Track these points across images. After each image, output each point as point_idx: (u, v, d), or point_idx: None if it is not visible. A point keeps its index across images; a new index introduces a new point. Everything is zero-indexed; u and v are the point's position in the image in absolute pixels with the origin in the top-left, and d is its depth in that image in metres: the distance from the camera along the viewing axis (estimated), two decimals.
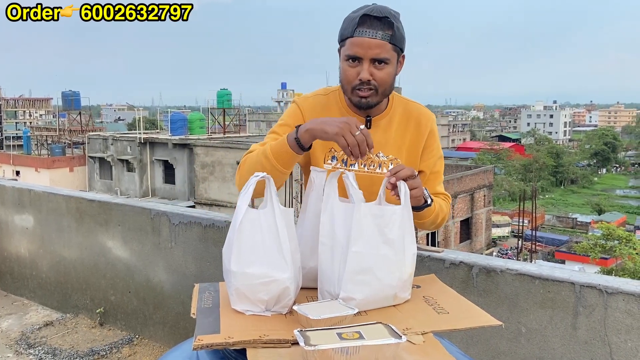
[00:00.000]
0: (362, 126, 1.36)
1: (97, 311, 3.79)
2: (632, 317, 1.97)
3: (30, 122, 61.20)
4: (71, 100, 33.90)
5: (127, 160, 27.69)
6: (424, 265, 2.38)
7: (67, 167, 29.97)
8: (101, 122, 68.79)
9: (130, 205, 3.63)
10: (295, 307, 1.25)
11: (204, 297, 1.41)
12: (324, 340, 1.06)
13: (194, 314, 1.32)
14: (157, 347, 3.47)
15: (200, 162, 24.50)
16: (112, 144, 28.56)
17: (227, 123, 30.21)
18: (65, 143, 33.61)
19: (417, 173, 1.47)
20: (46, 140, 35.62)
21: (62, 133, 35.01)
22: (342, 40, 1.54)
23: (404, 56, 1.60)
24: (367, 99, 1.55)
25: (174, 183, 26.49)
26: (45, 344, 3.53)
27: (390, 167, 1.64)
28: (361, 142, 1.33)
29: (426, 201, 1.54)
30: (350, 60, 1.52)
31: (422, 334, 1.21)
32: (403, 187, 1.38)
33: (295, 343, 1.15)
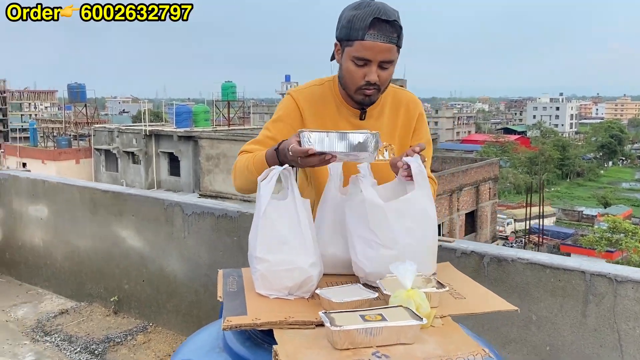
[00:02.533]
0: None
1: (112, 299, 3.86)
2: None
3: (36, 115, 61.35)
4: (77, 93, 33.99)
5: (132, 153, 27.78)
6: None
7: (73, 159, 30.12)
8: (106, 114, 68.89)
9: (144, 196, 3.68)
10: (318, 291, 1.30)
11: (228, 281, 1.46)
12: (348, 322, 1.11)
13: (220, 297, 1.37)
14: (171, 335, 3.54)
15: (206, 155, 24.56)
16: (117, 136, 28.65)
17: (231, 115, 30.24)
18: (71, 135, 33.75)
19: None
20: (52, 132, 35.77)
21: (68, 125, 35.14)
22: (349, 40, 1.54)
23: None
24: (370, 97, 1.60)
25: (179, 175, 26.59)
26: (61, 332, 3.60)
27: (385, 154, 1.69)
28: (324, 162, 1.36)
29: None
30: (357, 61, 1.54)
31: (440, 317, 1.26)
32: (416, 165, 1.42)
33: (319, 325, 1.20)
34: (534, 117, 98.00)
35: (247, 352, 1.22)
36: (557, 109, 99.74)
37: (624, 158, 76.04)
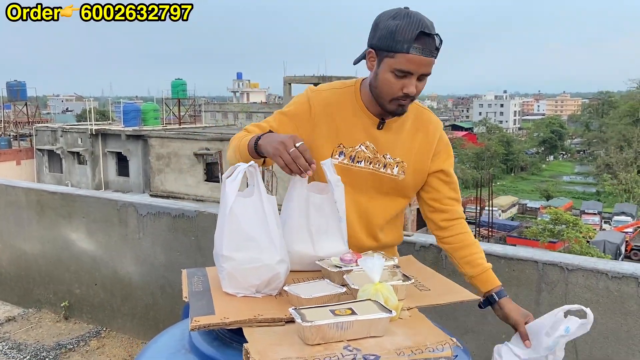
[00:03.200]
0: (300, 143, 1.38)
1: (62, 305, 3.72)
2: (591, 292, 2.11)
3: None
4: (17, 91, 32.51)
5: (78, 153, 26.83)
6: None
7: (13, 160, 28.76)
8: (48, 113, 66.20)
9: (95, 197, 3.56)
10: (286, 288, 1.29)
11: (193, 281, 1.43)
12: (318, 317, 1.11)
13: (186, 297, 1.34)
14: (126, 339, 3.45)
15: (156, 154, 23.99)
16: (61, 136, 27.58)
17: (182, 114, 29.68)
18: (10, 135, 32.26)
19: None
20: None
21: (7, 125, 33.58)
22: (390, 51, 1.51)
23: None
24: (403, 107, 1.59)
25: (128, 175, 25.88)
26: (9, 340, 3.44)
27: (395, 169, 1.67)
28: (296, 158, 1.36)
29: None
30: (398, 73, 1.52)
31: (407, 309, 1.28)
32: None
33: (289, 321, 1.19)
34: (480, 113, 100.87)
35: (216, 352, 1.20)
36: (502, 105, 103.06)
37: (564, 152, 79.41)
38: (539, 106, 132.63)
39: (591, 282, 2.10)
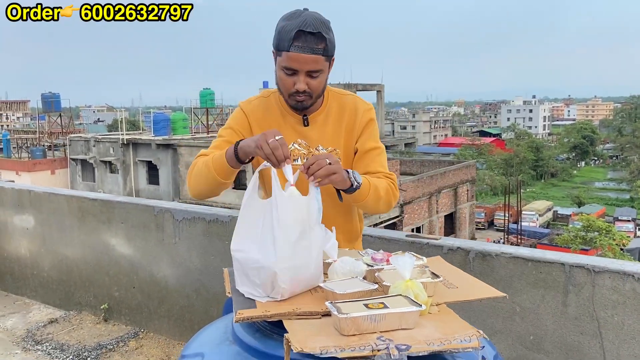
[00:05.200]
0: (279, 136, 1.46)
1: (101, 307, 3.88)
2: (618, 293, 2.14)
3: (7, 125, 60.19)
4: (51, 102, 33.46)
5: (109, 162, 27.49)
6: (423, 251, 2.53)
7: (48, 170, 29.62)
8: (80, 124, 67.84)
9: (134, 203, 3.72)
10: (321, 285, 1.38)
11: (234, 279, 1.53)
12: (353, 310, 1.20)
13: (229, 293, 1.44)
14: (163, 340, 3.58)
15: (185, 162, 24.42)
16: (94, 146, 28.31)
17: (210, 123, 30.15)
18: (45, 145, 33.21)
19: (336, 160, 1.53)
20: (26, 143, 35.17)
21: (42, 135, 34.58)
22: (278, 50, 1.62)
23: (334, 59, 1.70)
24: (302, 103, 1.68)
25: (158, 184, 26.37)
26: (52, 340, 3.61)
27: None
28: (275, 148, 1.44)
29: (352, 184, 1.59)
30: (286, 71, 1.62)
31: (436, 305, 1.36)
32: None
33: (325, 315, 1.28)
34: (508, 119, 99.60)
35: (258, 342, 1.30)
36: (530, 111, 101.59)
37: (596, 158, 77.76)
38: (569, 111, 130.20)
39: (618, 284, 2.14)
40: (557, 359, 2.29)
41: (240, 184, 23.21)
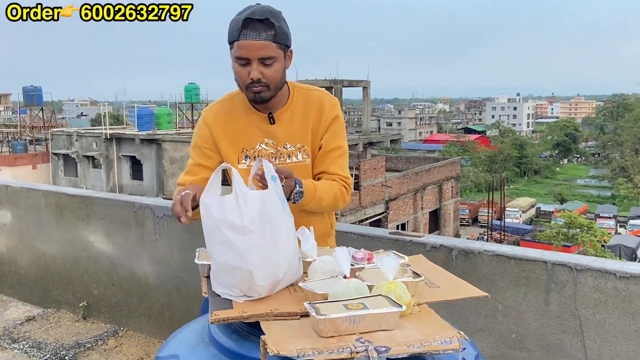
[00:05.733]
0: (183, 193, 1.50)
1: (80, 305, 3.81)
2: (600, 292, 2.14)
3: None
4: (33, 96, 32.93)
5: (92, 157, 27.16)
6: (406, 249, 2.51)
7: (29, 164, 29.17)
8: (63, 118, 66.95)
9: (113, 199, 3.65)
10: (301, 284, 1.35)
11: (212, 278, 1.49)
12: (332, 311, 1.17)
13: (205, 293, 1.40)
14: (143, 338, 3.52)
15: (169, 158, 24.23)
16: (76, 140, 27.95)
17: (195, 118, 29.92)
18: (27, 140, 32.72)
19: (287, 173, 1.53)
20: (7, 137, 34.61)
21: (23, 129, 34.07)
22: (230, 43, 1.63)
23: (291, 51, 1.70)
24: (260, 94, 1.65)
25: (141, 179, 26.12)
26: (29, 338, 3.53)
27: (299, 155, 1.76)
28: (177, 203, 1.51)
29: (290, 198, 1.57)
30: (239, 61, 1.62)
31: (417, 305, 1.33)
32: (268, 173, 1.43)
33: (304, 315, 1.25)
34: (493, 116, 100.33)
35: (234, 344, 1.26)
36: (515, 108, 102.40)
37: (578, 156, 78.69)
38: (552, 109, 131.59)
39: (600, 282, 2.14)
40: (538, 358, 2.29)
41: (225, 180, 23.07)
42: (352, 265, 1.48)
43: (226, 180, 1.64)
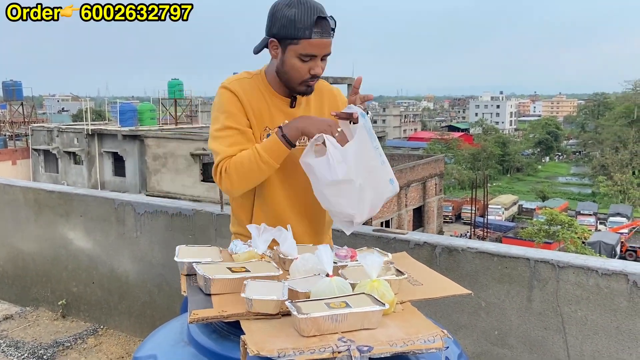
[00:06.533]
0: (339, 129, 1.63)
1: (59, 303, 3.74)
2: (582, 289, 2.15)
3: None
4: (12, 91, 32.37)
5: (74, 153, 26.77)
6: (390, 246, 2.50)
7: (9, 160, 28.67)
8: (44, 113, 65.98)
9: (93, 196, 3.59)
10: (284, 283, 1.32)
11: (192, 277, 1.46)
12: (314, 309, 1.14)
13: (184, 291, 1.37)
14: (123, 337, 3.47)
15: (152, 154, 23.97)
16: (57, 136, 27.52)
17: (179, 114, 29.66)
18: (6, 135, 32.19)
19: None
20: None
21: (3, 125, 33.50)
22: (294, 39, 1.62)
23: None
24: (312, 87, 1.74)
25: (124, 175, 25.82)
26: (6, 337, 3.46)
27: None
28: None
29: None
30: (304, 58, 1.64)
31: (400, 303, 1.31)
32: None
33: (285, 314, 1.23)
34: (476, 114, 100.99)
35: (214, 344, 1.23)
36: (498, 107, 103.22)
37: (560, 153, 79.62)
38: (535, 107, 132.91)
39: (582, 279, 2.15)
40: (521, 354, 2.29)
41: (209, 177, 22.96)
42: (335, 263, 1.46)
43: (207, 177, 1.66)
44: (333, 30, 1.65)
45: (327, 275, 1.30)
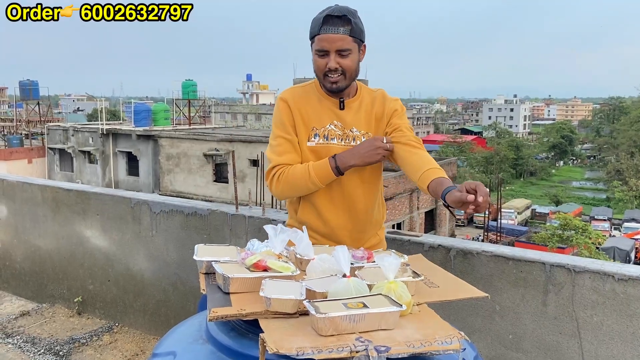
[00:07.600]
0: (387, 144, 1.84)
1: (75, 300, 3.79)
2: (598, 294, 2.14)
3: None
4: (29, 90, 32.80)
5: (89, 152, 27.07)
6: (404, 249, 2.50)
7: (25, 159, 29.04)
8: (59, 112, 66.68)
9: (110, 195, 3.63)
10: (302, 283, 1.34)
11: (210, 275, 1.48)
12: (332, 309, 1.16)
13: (203, 290, 1.39)
14: (138, 334, 3.51)
15: (166, 154, 24.17)
16: (73, 135, 27.84)
17: (192, 114, 29.85)
18: (23, 134, 32.60)
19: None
20: (2, 131, 34.48)
21: (19, 123, 33.94)
22: (311, 38, 1.84)
23: (365, 46, 1.90)
24: (337, 83, 1.85)
25: (137, 175, 26.06)
26: (23, 333, 3.51)
27: (363, 139, 1.93)
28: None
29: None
30: (319, 53, 1.83)
31: (417, 305, 1.32)
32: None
33: (303, 314, 1.24)
34: (490, 118, 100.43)
35: (232, 342, 1.25)
36: (512, 110, 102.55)
37: (574, 158, 78.83)
38: (549, 111, 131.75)
39: (598, 284, 2.13)
40: (535, 359, 2.28)
41: (221, 177, 23.06)
42: (351, 264, 1.47)
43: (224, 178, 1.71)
44: (350, 28, 1.78)
45: (344, 275, 1.31)
